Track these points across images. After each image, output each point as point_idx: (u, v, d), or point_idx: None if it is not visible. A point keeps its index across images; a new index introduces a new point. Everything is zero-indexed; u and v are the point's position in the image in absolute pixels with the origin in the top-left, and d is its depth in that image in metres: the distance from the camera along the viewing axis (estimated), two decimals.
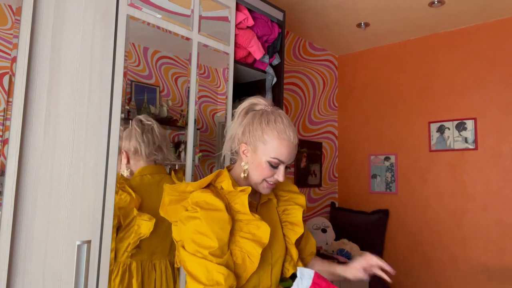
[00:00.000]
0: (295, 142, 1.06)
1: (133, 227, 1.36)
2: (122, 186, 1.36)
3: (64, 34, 1.17)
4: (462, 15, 2.87)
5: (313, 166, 3.43)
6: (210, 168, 1.73)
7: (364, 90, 3.65)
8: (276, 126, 1.04)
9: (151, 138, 1.47)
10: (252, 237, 1.00)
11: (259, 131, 1.05)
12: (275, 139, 1.03)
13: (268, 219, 1.13)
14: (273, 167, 1.05)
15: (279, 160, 1.04)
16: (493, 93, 2.87)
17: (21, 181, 1.05)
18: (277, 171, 1.06)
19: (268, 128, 1.04)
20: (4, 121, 1.07)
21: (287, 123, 1.05)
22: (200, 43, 1.61)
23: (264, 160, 1.04)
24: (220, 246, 0.95)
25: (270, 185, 1.08)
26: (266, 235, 0.99)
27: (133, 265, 1.34)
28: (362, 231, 3.27)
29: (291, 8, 2.80)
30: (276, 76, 2.10)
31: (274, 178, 1.06)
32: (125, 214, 1.34)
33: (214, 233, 0.95)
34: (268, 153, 1.03)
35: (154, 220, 1.35)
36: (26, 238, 1.05)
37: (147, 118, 1.48)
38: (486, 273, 2.79)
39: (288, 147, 1.04)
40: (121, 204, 1.33)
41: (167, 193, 1.08)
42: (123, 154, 1.41)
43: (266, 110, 1.08)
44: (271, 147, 1.03)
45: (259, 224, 1.01)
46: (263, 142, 1.04)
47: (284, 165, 1.06)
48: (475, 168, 2.91)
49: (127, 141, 1.42)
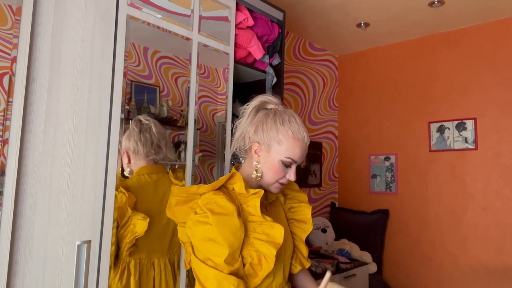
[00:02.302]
0: (308, 142, 1.07)
1: (130, 226, 1.36)
2: (117, 186, 1.37)
3: (64, 34, 1.17)
4: (462, 15, 2.87)
5: (313, 166, 3.43)
6: (210, 168, 1.73)
7: (364, 90, 3.65)
8: (290, 126, 1.04)
9: (148, 137, 1.48)
10: (266, 238, 0.99)
11: (273, 130, 1.05)
12: (290, 139, 1.04)
13: (278, 217, 1.15)
14: (286, 166, 1.06)
15: (292, 160, 1.05)
16: (493, 93, 2.87)
17: (21, 181, 1.05)
18: (289, 171, 1.07)
19: (283, 128, 1.04)
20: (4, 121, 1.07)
21: (300, 123, 1.07)
22: (200, 43, 1.61)
23: (277, 160, 1.04)
24: (231, 253, 0.93)
25: (282, 185, 1.09)
26: (281, 235, 0.99)
27: (131, 263, 1.35)
28: (362, 231, 3.27)
29: (291, 8, 2.80)
30: (276, 76, 2.09)
31: (286, 178, 1.07)
32: (122, 214, 1.35)
33: (226, 240, 0.93)
34: (282, 153, 1.04)
35: (148, 219, 1.36)
36: (26, 238, 1.05)
37: (146, 117, 1.49)
38: (486, 273, 2.79)
39: (301, 148, 1.05)
40: (117, 203, 1.34)
41: (174, 194, 1.08)
42: (124, 154, 1.41)
43: (278, 109, 1.09)
44: (285, 147, 1.04)
45: (272, 224, 1.01)
46: (277, 142, 1.04)
47: (296, 165, 1.07)
48: (475, 168, 2.92)
49: (127, 141, 1.43)
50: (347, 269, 2.73)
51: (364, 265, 2.94)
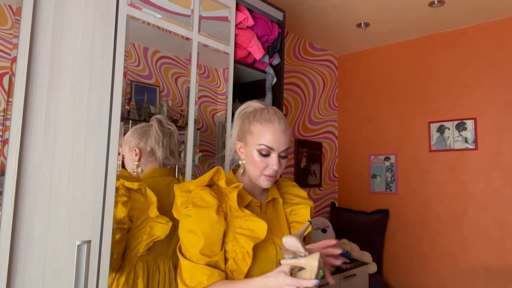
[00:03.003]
0: (282, 127, 1.06)
1: (145, 228, 1.34)
2: (142, 185, 1.35)
3: (64, 34, 1.17)
4: (462, 15, 2.87)
5: (313, 166, 3.43)
6: (210, 168, 1.73)
7: (364, 90, 3.65)
8: (261, 116, 1.07)
9: (168, 143, 1.47)
10: (249, 233, 1.01)
11: (247, 124, 1.09)
12: (260, 126, 1.06)
13: (274, 218, 1.14)
14: (263, 155, 1.05)
15: (266, 146, 1.04)
16: (493, 93, 2.87)
17: (21, 181, 1.05)
18: (269, 161, 1.06)
19: (254, 119, 1.07)
20: (4, 121, 1.07)
21: (273, 113, 1.08)
22: (200, 43, 1.61)
23: (253, 151, 1.06)
24: (208, 244, 0.97)
25: (270, 177, 1.07)
26: (263, 230, 1.01)
27: (138, 265, 1.33)
28: (362, 231, 3.27)
29: (291, 8, 2.80)
30: (276, 76, 2.09)
31: (270, 168, 1.06)
32: (138, 215, 1.33)
33: (202, 231, 0.98)
34: (256, 142, 1.06)
35: (170, 224, 1.34)
36: (26, 238, 1.05)
37: (168, 122, 1.48)
38: (486, 273, 2.79)
39: (273, 133, 1.04)
40: (138, 204, 1.32)
41: (178, 195, 1.09)
42: (135, 151, 1.40)
43: (257, 109, 1.11)
44: (256, 136, 1.05)
45: (255, 219, 1.02)
46: (250, 134, 1.07)
47: (276, 153, 1.06)
48: (475, 168, 2.91)
49: (144, 140, 1.41)
50: (347, 269, 2.74)
51: (364, 265, 2.94)
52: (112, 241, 1.24)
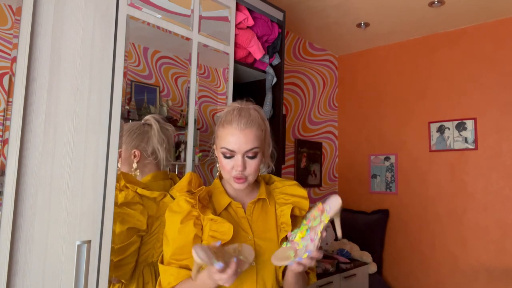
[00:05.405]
0: (241, 127, 1.02)
1: (157, 235, 1.32)
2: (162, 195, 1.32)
3: (64, 34, 1.17)
4: (462, 15, 2.87)
5: (313, 166, 3.43)
6: (210, 168, 1.73)
7: (364, 90, 3.65)
8: (225, 119, 1.06)
9: (168, 145, 1.45)
10: (218, 234, 1.02)
11: (216, 128, 1.10)
12: (221, 129, 1.06)
13: (262, 218, 1.12)
14: (227, 157, 1.04)
15: (227, 149, 1.03)
16: (493, 93, 2.87)
17: (21, 181, 1.05)
18: (234, 163, 1.03)
19: (219, 123, 1.08)
20: (4, 121, 1.07)
21: (236, 114, 1.04)
22: (200, 43, 1.61)
23: (219, 154, 1.07)
24: (177, 248, 1.01)
25: (239, 179, 1.04)
26: (229, 232, 1.01)
27: (146, 270, 1.32)
28: (362, 231, 3.27)
29: (291, 8, 2.80)
30: (276, 76, 2.09)
31: (235, 170, 1.03)
32: (151, 222, 1.32)
33: (171, 236, 1.02)
34: (219, 145, 1.06)
35: None
36: (26, 238, 1.05)
37: (166, 122, 1.45)
38: (486, 273, 2.79)
39: (232, 135, 1.02)
40: (150, 212, 1.30)
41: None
42: (135, 152, 1.37)
43: (228, 111, 1.08)
44: (221, 139, 1.06)
45: (223, 221, 1.04)
46: (217, 137, 1.08)
47: (239, 155, 1.02)
48: (475, 168, 2.91)
49: (144, 141, 1.38)
50: (347, 269, 2.74)
51: (364, 265, 2.94)
52: (128, 252, 1.27)
